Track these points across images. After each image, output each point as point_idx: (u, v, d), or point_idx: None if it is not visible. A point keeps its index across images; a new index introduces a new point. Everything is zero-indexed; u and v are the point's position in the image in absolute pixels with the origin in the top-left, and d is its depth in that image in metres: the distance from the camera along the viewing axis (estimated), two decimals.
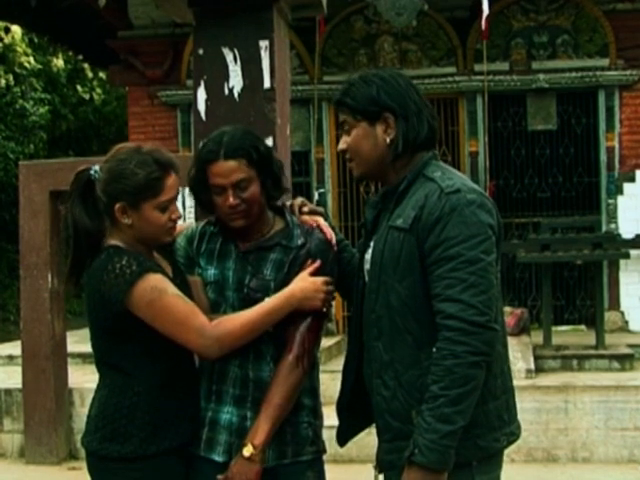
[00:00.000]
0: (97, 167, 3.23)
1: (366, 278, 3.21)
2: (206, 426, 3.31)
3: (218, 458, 3.27)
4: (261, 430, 3.16)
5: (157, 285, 3.12)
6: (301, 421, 3.34)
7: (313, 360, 3.37)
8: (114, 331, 3.19)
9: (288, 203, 3.55)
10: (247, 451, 3.14)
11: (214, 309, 3.28)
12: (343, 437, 3.48)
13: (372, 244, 3.16)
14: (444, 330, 2.86)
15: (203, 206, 3.40)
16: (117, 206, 3.17)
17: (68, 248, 3.31)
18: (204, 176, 3.24)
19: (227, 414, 3.29)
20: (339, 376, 3.45)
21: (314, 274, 3.28)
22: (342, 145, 3.22)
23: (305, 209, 3.54)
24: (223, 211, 3.25)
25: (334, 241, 3.44)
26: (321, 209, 3.62)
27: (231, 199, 3.20)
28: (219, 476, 3.19)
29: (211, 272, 3.35)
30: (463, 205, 2.93)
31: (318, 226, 3.43)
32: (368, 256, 3.20)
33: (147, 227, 3.20)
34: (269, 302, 3.21)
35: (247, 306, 3.24)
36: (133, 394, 3.19)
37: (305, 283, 3.25)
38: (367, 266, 3.19)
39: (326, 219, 3.52)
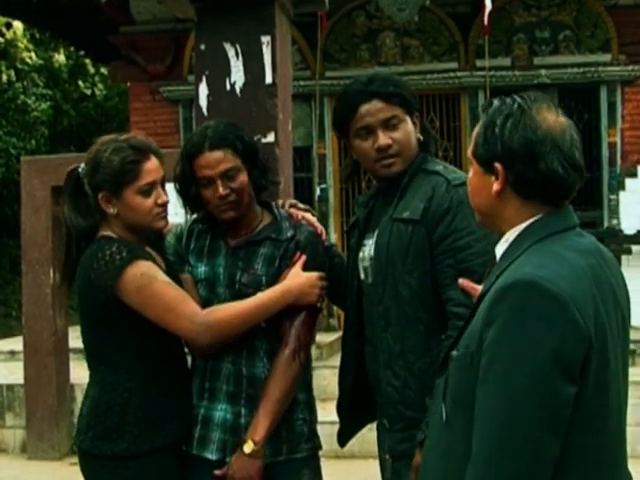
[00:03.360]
0: (83, 164, 3.25)
1: (362, 275, 3.22)
2: (199, 424, 3.31)
3: (211, 456, 3.27)
4: (261, 426, 3.15)
5: (147, 272, 3.11)
6: (296, 418, 3.33)
7: (308, 354, 3.38)
8: (103, 321, 3.18)
9: (280, 203, 3.56)
10: (248, 447, 3.13)
11: (206, 306, 3.26)
12: (344, 437, 3.49)
13: (370, 241, 3.17)
14: (454, 318, 2.90)
15: (190, 204, 3.38)
16: (100, 196, 3.19)
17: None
18: (191, 171, 3.23)
19: (221, 411, 3.28)
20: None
21: (306, 267, 3.26)
22: (388, 140, 3.13)
23: (300, 206, 3.55)
24: (213, 204, 3.24)
25: (324, 235, 3.44)
26: (313, 212, 3.61)
27: (221, 189, 3.20)
28: (216, 471, 3.19)
29: (201, 269, 3.35)
30: None
31: (304, 219, 3.43)
32: (364, 254, 3.21)
33: (133, 214, 3.20)
34: (264, 295, 3.20)
35: None
36: (124, 390, 3.18)
37: (301, 279, 3.23)
38: (364, 263, 3.20)
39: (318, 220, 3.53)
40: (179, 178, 3.29)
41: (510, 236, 2.34)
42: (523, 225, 2.32)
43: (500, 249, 2.37)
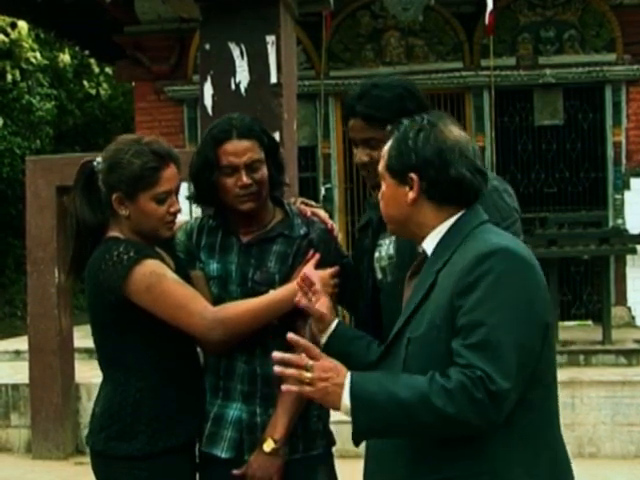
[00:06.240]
0: (99, 158, 3.23)
1: (379, 275, 3.21)
2: (209, 421, 3.30)
3: (221, 454, 3.25)
4: (280, 424, 3.15)
5: (156, 270, 3.10)
6: (311, 415, 3.32)
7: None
8: (112, 323, 3.18)
9: (292, 200, 3.55)
10: (268, 446, 3.12)
11: (218, 304, 3.24)
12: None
13: (387, 240, 3.16)
14: None
15: (203, 193, 3.33)
16: (114, 196, 3.16)
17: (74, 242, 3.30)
18: (214, 157, 3.20)
19: (236, 410, 3.27)
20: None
21: (319, 265, 3.24)
22: (364, 158, 3.17)
23: (312, 203, 3.54)
24: (233, 193, 3.21)
25: (335, 231, 3.43)
26: (325, 209, 3.61)
27: (244, 178, 3.17)
28: (235, 471, 3.18)
29: (213, 267, 3.33)
30: (491, 191, 2.99)
31: (315, 215, 3.42)
32: (382, 253, 3.19)
33: (144, 219, 3.18)
34: (276, 293, 3.19)
35: None
36: (136, 391, 3.17)
37: (313, 277, 3.21)
38: (382, 263, 3.18)
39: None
40: (198, 164, 3.25)
41: (441, 229, 2.60)
42: (451, 220, 2.60)
43: (431, 243, 2.61)
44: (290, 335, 2.67)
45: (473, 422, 2.31)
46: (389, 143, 2.66)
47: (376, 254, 3.23)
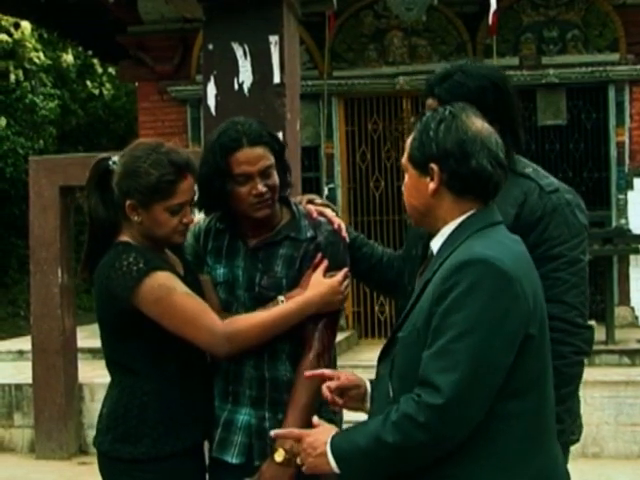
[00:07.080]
0: (116, 158, 3.20)
1: None
2: (220, 426, 3.28)
3: (231, 459, 3.23)
4: None
5: (165, 283, 3.08)
6: (324, 419, 3.29)
7: (332, 355, 3.34)
8: (120, 329, 3.17)
9: (298, 199, 3.53)
10: (279, 456, 3.07)
11: (225, 309, 3.23)
12: None
13: None
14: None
15: (210, 204, 3.31)
16: (128, 203, 3.13)
17: (78, 244, 3.30)
18: (224, 166, 3.14)
19: (245, 415, 3.25)
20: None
21: (327, 269, 3.21)
22: None
23: (317, 201, 3.51)
24: (247, 202, 3.16)
25: (343, 231, 3.39)
26: (331, 205, 3.58)
27: (260, 186, 3.13)
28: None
29: (220, 271, 3.30)
30: (563, 205, 2.98)
31: (322, 214, 3.38)
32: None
33: (156, 228, 3.16)
34: (285, 306, 3.16)
35: (259, 305, 3.20)
36: (142, 394, 3.16)
37: (323, 288, 3.18)
38: None
39: (337, 214, 3.48)
40: (207, 172, 3.18)
41: (446, 230, 2.59)
42: (459, 220, 2.57)
43: (437, 242, 2.63)
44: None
45: (426, 443, 2.37)
46: (412, 135, 2.66)
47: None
